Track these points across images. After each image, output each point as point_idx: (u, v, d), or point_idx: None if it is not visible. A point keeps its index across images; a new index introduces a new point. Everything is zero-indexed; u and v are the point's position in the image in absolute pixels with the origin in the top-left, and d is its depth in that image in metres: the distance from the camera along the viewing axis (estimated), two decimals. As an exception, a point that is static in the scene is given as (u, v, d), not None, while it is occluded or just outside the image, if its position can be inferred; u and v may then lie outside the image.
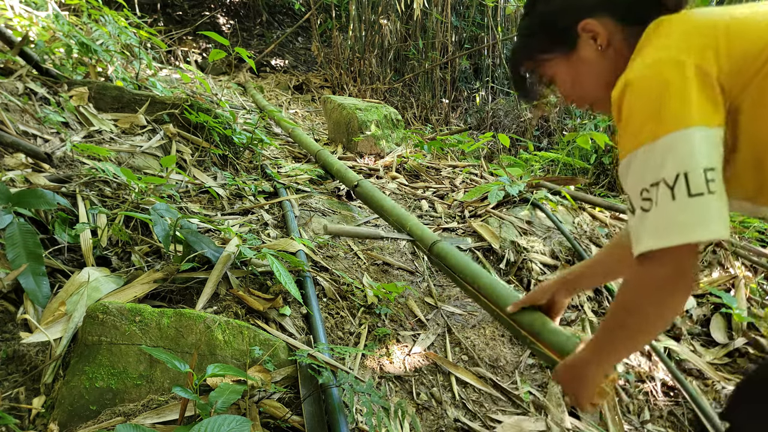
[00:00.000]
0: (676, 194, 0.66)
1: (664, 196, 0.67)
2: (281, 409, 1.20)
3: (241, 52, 2.63)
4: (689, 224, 0.65)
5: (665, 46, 0.71)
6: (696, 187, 0.65)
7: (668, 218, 0.67)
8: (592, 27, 0.82)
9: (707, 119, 0.66)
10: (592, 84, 0.88)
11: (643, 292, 0.73)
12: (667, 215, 0.67)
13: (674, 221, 0.66)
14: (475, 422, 1.43)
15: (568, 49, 0.86)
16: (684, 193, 0.65)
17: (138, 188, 1.78)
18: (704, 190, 0.65)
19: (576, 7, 0.84)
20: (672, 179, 0.66)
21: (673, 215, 0.66)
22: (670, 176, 0.66)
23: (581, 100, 0.92)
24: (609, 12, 0.82)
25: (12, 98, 2.03)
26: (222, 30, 7.00)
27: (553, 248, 2.27)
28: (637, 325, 0.75)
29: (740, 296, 2.06)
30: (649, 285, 0.72)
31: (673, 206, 0.66)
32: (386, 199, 2.06)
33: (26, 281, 1.28)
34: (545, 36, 0.89)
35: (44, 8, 3.05)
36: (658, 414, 1.59)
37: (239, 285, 1.55)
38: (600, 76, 0.85)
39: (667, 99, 0.67)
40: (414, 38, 6.15)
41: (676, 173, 0.66)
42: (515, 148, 5.28)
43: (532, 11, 0.92)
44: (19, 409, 1.10)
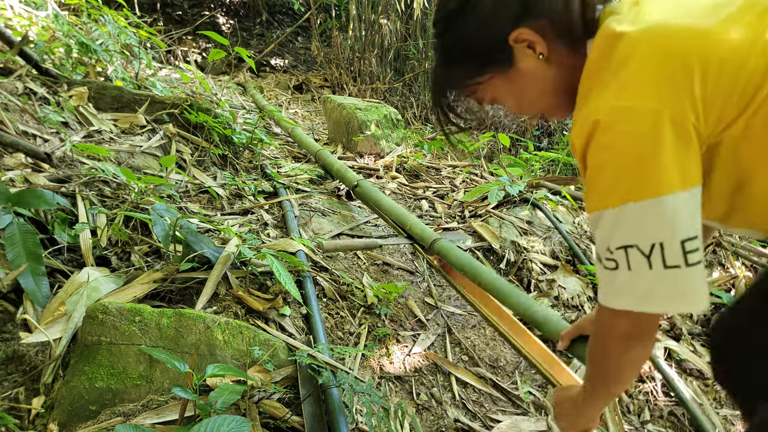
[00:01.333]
0: (652, 263, 0.62)
1: (639, 264, 0.63)
2: (281, 409, 1.20)
3: (241, 52, 2.63)
4: (666, 296, 0.62)
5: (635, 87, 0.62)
6: (672, 259, 0.61)
7: (645, 286, 0.63)
8: (526, 36, 0.71)
9: (686, 181, 0.61)
10: (541, 96, 0.79)
11: (608, 344, 0.72)
12: (644, 283, 0.63)
13: (651, 290, 0.63)
14: (475, 422, 1.43)
15: (504, 67, 0.76)
16: (660, 263, 0.61)
17: (138, 188, 1.78)
18: (681, 262, 0.61)
19: (501, 18, 0.72)
20: (647, 248, 0.62)
21: (651, 284, 0.62)
22: (644, 245, 0.62)
23: (533, 112, 0.85)
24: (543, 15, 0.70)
25: (12, 98, 2.02)
26: (222, 30, 6.99)
27: (554, 248, 2.27)
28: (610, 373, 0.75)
29: (740, 296, 2.06)
30: (614, 338, 0.70)
31: (650, 275, 0.62)
32: (385, 199, 2.06)
33: (26, 281, 1.28)
34: (472, 59, 0.77)
35: (44, 8, 3.05)
36: (658, 414, 1.59)
37: (239, 285, 1.55)
38: (548, 84, 0.77)
39: (641, 160, 0.61)
40: (414, 38, 6.15)
41: (652, 243, 0.61)
42: (515, 147, 5.28)
43: (447, 31, 0.78)
44: (19, 409, 1.10)
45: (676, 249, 0.61)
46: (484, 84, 0.79)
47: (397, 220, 1.88)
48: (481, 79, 0.78)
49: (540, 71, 0.75)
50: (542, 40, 0.72)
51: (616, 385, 0.77)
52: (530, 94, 0.79)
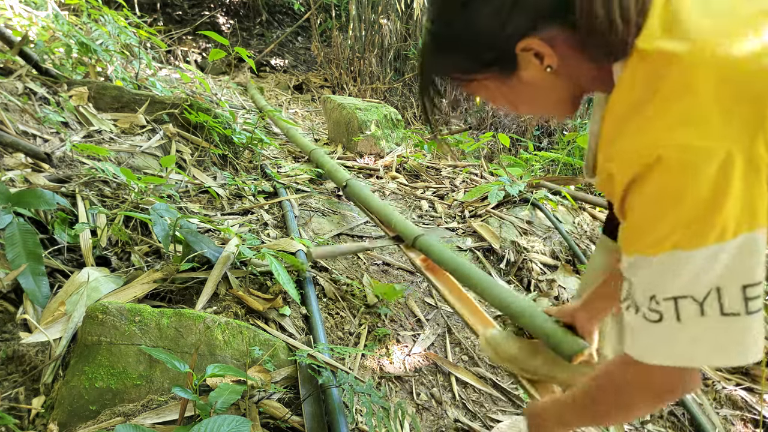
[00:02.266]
0: (705, 310, 0.55)
1: (691, 313, 0.55)
2: (281, 409, 1.20)
3: (241, 52, 2.63)
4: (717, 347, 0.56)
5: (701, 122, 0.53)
6: (731, 306, 0.54)
7: (691, 336, 0.56)
8: (535, 47, 0.62)
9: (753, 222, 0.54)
10: (539, 104, 0.73)
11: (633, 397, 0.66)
12: (691, 333, 0.56)
13: (698, 341, 0.56)
14: (475, 422, 1.43)
15: (506, 72, 0.68)
16: (716, 310, 0.54)
17: (137, 188, 1.78)
18: (741, 309, 0.54)
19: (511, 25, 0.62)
20: (702, 295, 0.55)
21: (700, 334, 0.56)
22: (700, 292, 0.55)
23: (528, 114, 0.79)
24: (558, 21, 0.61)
25: (12, 98, 2.02)
26: (222, 30, 6.99)
27: (554, 248, 2.27)
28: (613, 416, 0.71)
29: (740, 296, 2.06)
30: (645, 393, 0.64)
31: (701, 324, 0.55)
32: (373, 198, 2.09)
33: (26, 281, 1.28)
34: (471, 55, 0.68)
35: (44, 8, 3.05)
36: (658, 414, 1.59)
37: (239, 285, 1.55)
38: (550, 95, 0.70)
39: (705, 207, 0.53)
40: (414, 38, 6.15)
41: (708, 289, 0.54)
42: (515, 147, 5.28)
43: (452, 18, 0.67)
44: (19, 409, 1.10)
45: (736, 294, 0.54)
46: (477, 82, 0.72)
47: (384, 218, 1.91)
48: (475, 77, 0.71)
49: (544, 83, 0.67)
50: (553, 53, 0.63)
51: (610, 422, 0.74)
52: (528, 103, 0.73)
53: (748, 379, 1.77)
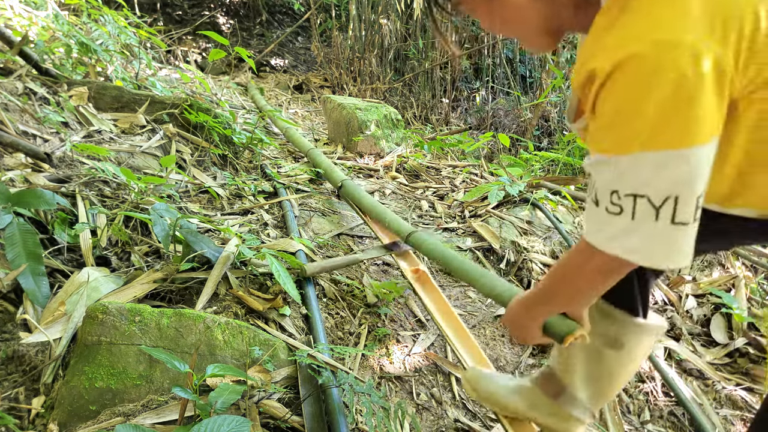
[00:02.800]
0: (660, 216, 0.58)
1: (646, 214, 0.58)
2: (281, 409, 1.20)
3: (241, 52, 2.63)
4: (661, 251, 0.60)
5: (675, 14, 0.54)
6: (682, 216, 0.57)
7: (643, 237, 0.60)
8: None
9: (713, 131, 0.56)
10: (518, 30, 0.74)
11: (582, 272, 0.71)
12: (643, 234, 0.59)
13: (648, 243, 0.60)
14: (475, 422, 1.43)
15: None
16: (668, 218, 0.58)
17: (137, 188, 1.78)
18: (690, 219, 0.58)
19: None
20: (660, 200, 0.57)
21: (649, 237, 0.59)
22: (657, 197, 0.57)
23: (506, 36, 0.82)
24: None
25: (12, 98, 2.02)
26: (222, 30, 6.99)
27: (554, 248, 2.27)
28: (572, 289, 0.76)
29: (740, 296, 2.06)
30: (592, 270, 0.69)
31: (653, 228, 0.59)
32: (366, 197, 2.13)
33: (26, 281, 1.28)
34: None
35: (44, 8, 3.05)
36: (658, 414, 1.59)
37: (239, 285, 1.55)
38: (530, 20, 0.71)
39: (673, 107, 0.54)
40: (414, 38, 6.15)
41: (666, 196, 0.57)
42: (515, 147, 5.28)
43: None
44: (19, 409, 1.09)
45: (690, 205, 0.57)
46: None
47: (377, 217, 1.95)
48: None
49: (525, 8, 0.69)
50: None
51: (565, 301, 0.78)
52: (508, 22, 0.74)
53: (748, 379, 1.78)
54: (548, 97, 5.02)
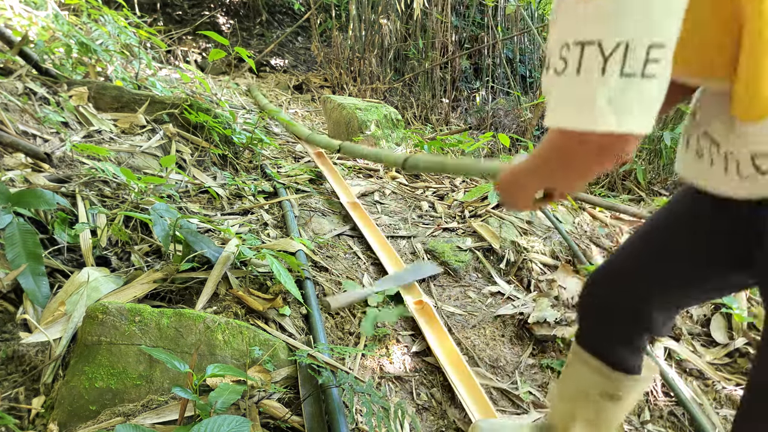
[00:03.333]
0: (607, 68, 0.51)
1: (592, 66, 0.52)
2: (281, 409, 1.20)
3: (241, 52, 2.63)
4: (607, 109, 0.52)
5: None
6: (631, 66, 0.51)
7: (586, 94, 0.53)
8: None
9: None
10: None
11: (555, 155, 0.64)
12: (587, 90, 0.53)
13: (591, 100, 0.52)
14: (475, 422, 1.43)
15: None
16: (617, 69, 0.51)
17: (137, 188, 1.78)
18: (638, 71, 0.51)
19: None
20: (610, 47, 0.51)
21: (593, 92, 0.52)
22: (608, 43, 0.51)
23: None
24: None
25: (12, 98, 2.02)
26: (222, 30, 6.99)
27: (554, 248, 2.27)
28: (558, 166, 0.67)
29: (740, 296, 2.06)
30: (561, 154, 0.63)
31: (597, 82, 0.52)
32: (363, 147, 2.39)
33: (26, 281, 1.28)
34: None
35: (44, 8, 3.05)
36: (658, 414, 1.59)
37: (239, 285, 1.55)
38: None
39: None
40: (414, 38, 6.15)
41: (617, 41, 0.50)
42: (515, 148, 5.28)
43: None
44: (19, 409, 1.10)
45: (641, 54, 0.50)
46: None
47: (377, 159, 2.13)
48: None
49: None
50: None
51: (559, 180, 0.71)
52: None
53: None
54: (548, 97, 5.01)
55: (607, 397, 1.05)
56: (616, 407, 1.07)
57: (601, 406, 1.07)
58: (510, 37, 6.24)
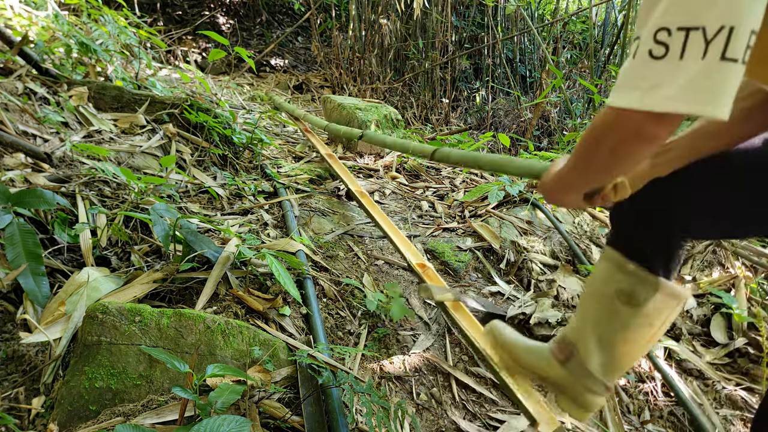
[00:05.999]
0: (710, 52, 0.52)
1: (694, 50, 0.53)
2: (281, 409, 1.20)
3: (241, 52, 2.63)
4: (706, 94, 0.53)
5: None
6: (734, 50, 0.52)
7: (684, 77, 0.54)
8: None
9: None
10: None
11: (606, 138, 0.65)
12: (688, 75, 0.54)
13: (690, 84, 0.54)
14: (475, 422, 1.43)
15: None
16: (719, 51, 0.52)
17: (137, 188, 1.78)
18: (740, 56, 0.52)
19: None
20: (713, 29, 0.52)
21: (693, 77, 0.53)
22: (712, 26, 0.52)
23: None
24: None
25: (12, 98, 2.02)
26: (222, 30, 6.99)
27: (554, 248, 2.27)
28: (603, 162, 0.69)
29: (740, 296, 2.06)
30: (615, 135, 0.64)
31: (699, 66, 0.53)
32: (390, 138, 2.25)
33: (26, 281, 1.28)
34: None
35: (44, 8, 3.05)
36: (658, 414, 1.59)
37: (239, 285, 1.55)
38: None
39: None
40: (414, 38, 6.15)
41: (721, 25, 0.51)
42: (515, 147, 5.28)
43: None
44: (19, 409, 1.10)
45: (744, 39, 0.52)
46: None
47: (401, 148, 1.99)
48: None
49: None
50: None
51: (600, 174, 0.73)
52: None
53: (748, 379, 1.78)
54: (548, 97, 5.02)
55: (623, 299, 0.95)
56: (634, 317, 0.94)
57: (616, 312, 0.96)
58: (510, 37, 6.24)
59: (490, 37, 6.17)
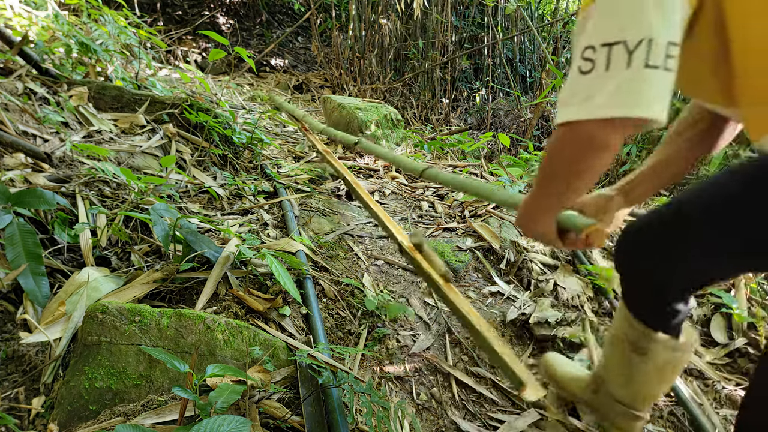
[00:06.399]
0: (634, 60, 0.59)
1: (620, 59, 0.60)
2: (281, 409, 1.20)
3: (241, 52, 2.63)
4: (631, 98, 0.60)
5: None
6: (655, 57, 0.59)
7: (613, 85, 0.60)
8: None
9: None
10: None
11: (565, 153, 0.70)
12: (614, 82, 0.60)
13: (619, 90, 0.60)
14: (475, 422, 1.43)
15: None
16: (642, 60, 0.59)
17: (137, 188, 1.78)
18: (661, 63, 0.59)
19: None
20: (634, 42, 0.59)
21: (620, 83, 0.60)
22: (633, 38, 0.59)
23: None
24: None
25: (12, 98, 2.02)
26: (222, 30, 6.99)
27: (554, 248, 2.27)
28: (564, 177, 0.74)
29: (740, 296, 2.06)
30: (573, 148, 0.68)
31: (627, 74, 0.59)
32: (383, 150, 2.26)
33: (26, 281, 1.28)
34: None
35: (44, 8, 3.05)
36: (658, 414, 1.59)
37: (239, 285, 1.55)
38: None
39: None
40: (414, 38, 6.15)
41: (640, 37, 0.59)
42: (515, 147, 5.28)
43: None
44: (19, 409, 1.09)
45: (662, 48, 0.59)
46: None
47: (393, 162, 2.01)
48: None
49: None
50: None
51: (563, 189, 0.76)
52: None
53: (748, 379, 1.77)
54: (548, 97, 5.02)
55: (632, 348, 1.07)
56: (644, 364, 1.07)
57: (630, 359, 1.09)
58: (510, 37, 6.24)
59: (490, 37, 6.17)
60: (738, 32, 0.65)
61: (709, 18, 0.67)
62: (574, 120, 0.65)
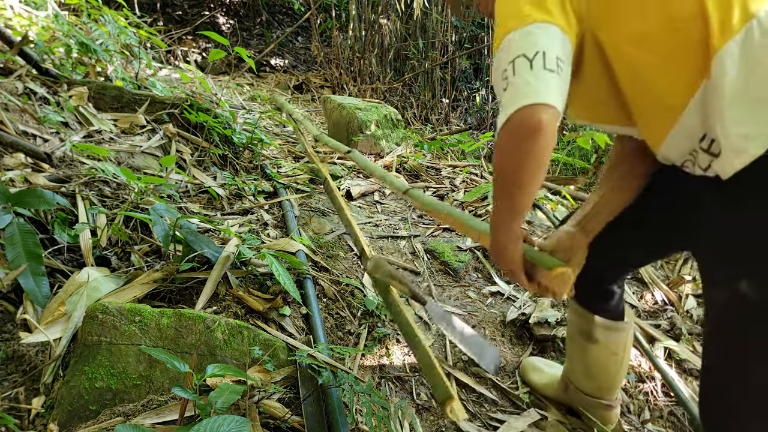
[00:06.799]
0: (534, 65, 0.75)
1: (523, 66, 0.76)
2: (281, 409, 1.20)
3: (241, 52, 2.63)
4: (540, 88, 0.75)
5: None
6: (550, 64, 0.76)
7: (523, 83, 0.76)
8: None
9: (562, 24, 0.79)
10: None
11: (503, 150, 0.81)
12: (522, 81, 0.76)
13: (528, 84, 0.75)
14: (475, 422, 1.43)
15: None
16: (541, 65, 0.75)
17: (137, 188, 1.78)
18: (555, 68, 0.76)
19: None
20: (531, 54, 0.76)
21: (528, 80, 0.75)
22: (530, 52, 0.76)
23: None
24: None
25: (12, 98, 2.02)
26: (222, 30, 6.99)
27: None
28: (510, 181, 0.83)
29: (740, 296, 2.06)
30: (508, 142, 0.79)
31: (530, 74, 0.75)
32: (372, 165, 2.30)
33: (26, 281, 1.28)
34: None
35: (44, 8, 3.05)
36: (658, 414, 1.59)
37: (239, 285, 1.55)
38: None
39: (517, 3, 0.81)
40: (414, 38, 6.15)
41: (536, 51, 0.76)
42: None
43: None
44: (19, 409, 1.10)
45: (553, 58, 0.76)
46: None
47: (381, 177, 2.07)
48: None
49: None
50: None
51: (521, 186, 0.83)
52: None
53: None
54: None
55: (586, 337, 1.25)
56: (599, 351, 1.25)
57: (585, 348, 1.26)
58: (510, 37, 6.24)
59: (490, 37, 6.17)
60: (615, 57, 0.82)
61: (591, 48, 0.84)
62: (505, 120, 0.78)
